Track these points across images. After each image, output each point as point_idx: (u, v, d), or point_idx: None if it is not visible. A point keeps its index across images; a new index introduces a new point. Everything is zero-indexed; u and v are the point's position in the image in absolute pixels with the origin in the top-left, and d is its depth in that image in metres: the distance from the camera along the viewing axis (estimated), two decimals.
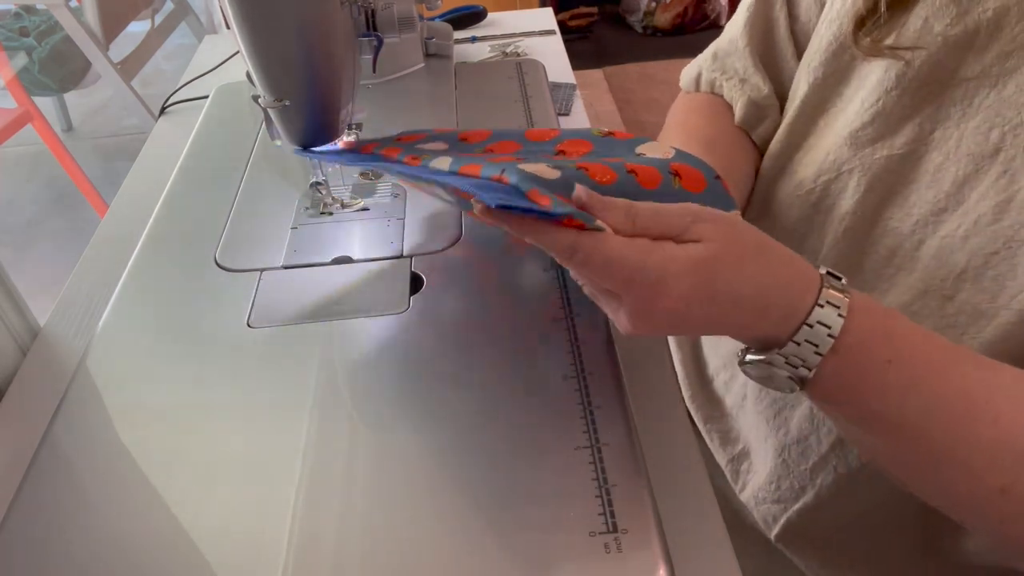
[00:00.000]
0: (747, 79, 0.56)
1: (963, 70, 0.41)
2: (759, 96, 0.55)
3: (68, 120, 2.53)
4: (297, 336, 0.52)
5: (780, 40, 0.55)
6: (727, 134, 0.57)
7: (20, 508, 0.42)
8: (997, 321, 0.40)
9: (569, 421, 0.45)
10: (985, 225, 0.40)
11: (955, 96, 0.41)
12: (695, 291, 0.35)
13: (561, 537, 0.39)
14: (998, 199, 0.40)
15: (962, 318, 0.41)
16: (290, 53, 0.47)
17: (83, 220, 2.07)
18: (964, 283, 0.41)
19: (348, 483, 0.42)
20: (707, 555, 0.40)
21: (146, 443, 0.46)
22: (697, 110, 0.59)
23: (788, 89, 0.55)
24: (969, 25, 0.40)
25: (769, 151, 0.53)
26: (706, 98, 0.60)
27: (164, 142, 0.82)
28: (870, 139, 0.45)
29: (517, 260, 0.58)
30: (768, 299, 0.36)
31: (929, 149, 0.43)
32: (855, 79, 0.47)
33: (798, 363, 0.36)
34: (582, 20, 2.92)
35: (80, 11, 1.76)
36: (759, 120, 0.56)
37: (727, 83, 0.57)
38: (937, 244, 0.42)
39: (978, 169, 0.41)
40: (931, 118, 0.43)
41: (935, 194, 0.42)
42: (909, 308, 0.44)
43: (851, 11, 0.45)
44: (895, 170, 0.44)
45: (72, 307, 0.59)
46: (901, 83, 0.43)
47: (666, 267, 0.35)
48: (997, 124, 0.40)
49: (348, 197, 0.65)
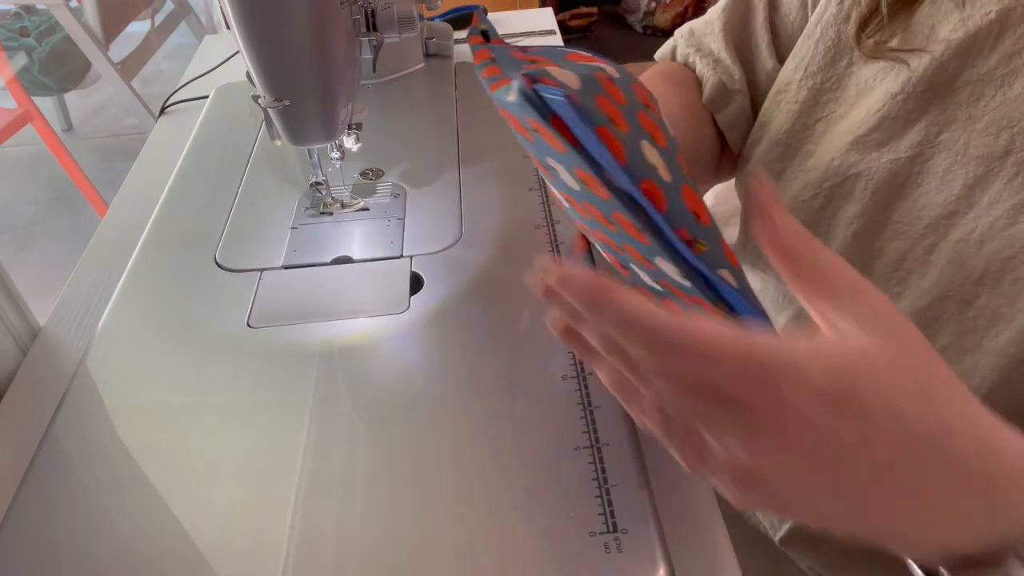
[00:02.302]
0: (720, 60, 0.56)
1: (968, 72, 0.41)
2: (729, 79, 0.55)
3: (68, 120, 2.53)
4: (297, 336, 0.52)
5: (756, 28, 0.55)
6: (692, 108, 0.56)
7: (20, 508, 0.42)
8: (1014, 324, 0.40)
9: (569, 421, 0.45)
10: (1000, 229, 0.40)
11: (961, 99, 0.41)
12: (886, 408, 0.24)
13: (561, 537, 0.39)
14: (1012, 202, 0.39)
15: (981, 322, 0.41)
16: (290, 53, 0.47)
17: (83, 220, 2.07)
18: (983, 287, 0.41)
19: (348, 483, 0.42)
20: (707, 555, 0.40)
21: (146, 443, 0.46)
22: (669, 78, 0.58)
23: (760, 78, 0.55)
24: (972, 27, 0.40)
25: (763, 156, 0.53)
26: (679, 68, 0.59)
27: (164, 142, 0.82)
28: (876, 144, 0.45)
29: (517, 260, 0.58)
30: (990, 466, 0.25)
31: (936, 152, 0.43)
32: (853, 84, 0.47)
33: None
34: (582, 20, 2.92)
35: (80, 11, 1.76)
36: (725, 103, 0.56)
37: (700, 60, 0.57)
38: (951, 248, 0.42)
39: (988, 171, 0.40)
40: (937, 121, 0.42)
41: (945, 197, 0.42)
42: (928, 314, 0.43)
43: (853, 13, 0.45)
44: (902, 173, 0.44)
45: (72, 307, 0.59)
46: (906, 88, 0.43)
47: (828, 355, 0.24)
48: (1005, 126, 0.40)
49: (348, 197, 0.65)
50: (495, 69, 0.34)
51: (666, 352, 0.24)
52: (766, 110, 0.53)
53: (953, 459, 0.25)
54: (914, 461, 0.25)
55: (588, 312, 0.25)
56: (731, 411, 0.24)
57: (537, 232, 0.60)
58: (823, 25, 0.47)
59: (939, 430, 0.25)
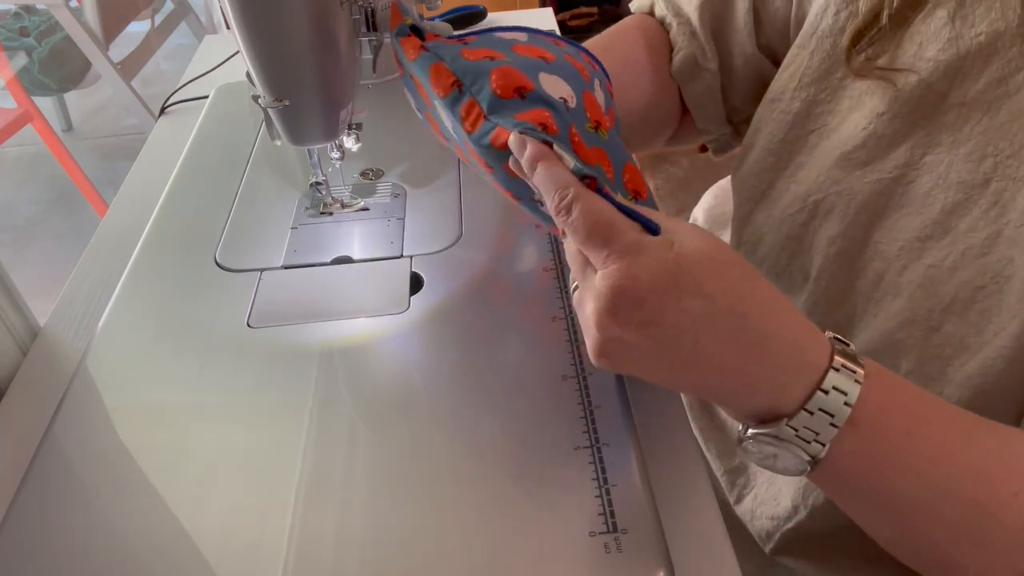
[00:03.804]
0: (696, 34, 0.55)
1: (955, 95, 0.40)
2: (701, 55, 0.55)
3: (68, 120, 2.53)
4: (297, 336, 0.52)
5: (737, 12, 0.54)
6: (658, 73, 0.56)
7: (20, 508, 0.42)
8: (981, 355, 0.39)
9: (569, 421, 0.45)
10: (973, 258, 0.39)
11: (946, 121, 0.41)
12: (677, 291, 0.32)
13: (561, 537, 0.39)
14: (988, 232, 0.39)
15: (947, 350, 0.40)
16: (290, 53, 0.47)
17: (83, 220, 2.07)
18: (951, 315, 0.40)
19: (348, 483, 0.42)
20: (707, 555, 0.40)
21: (146, 443, 0.46)
22: (644, 33, 0.58)
23: (737, 61, 0.54)
24: (961, 49, 0.39)
25: (756, 164, 0.52)
26: (654, 26, 0.58)
27: (164, 142, 0.81)
28: (861, 162, 0.44)
29: (517, 260, 0.58)
30: (772, 350, 0.32)
31: (920, 174, 0.42)
32: (847, 98, 0.46)
33: (810, 437, 0.32)
34: (582, 20, 2.92)
35: (80, 11, 1.76)
36: (692, 77, 0.56)
37: (677, 26, 0.56)
38: (923, 272, 0.41)
39: (967, 198, 0.40)
40: (922, 143, 0.42)
41: (922, 221, 0.41)
42: (894, 336, 0.42)
43: (848, 25, 0.44)
44: (885, 193, 0.43)
45: (72, 307, 0.59)
46: (893, 107, 0.42)
47: (644, 242, 0.32)
48: (989, 153, 0.39)
49: (348, 197, 0.65)
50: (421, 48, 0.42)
51: (567, 214, 0.33)
52: (760, 117, 0.52)
53: (750, 323, 0.32)
54: (718, 332, 0.32)
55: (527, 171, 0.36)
56: (589, 277, 0.34)
57: (537, 232, 0.60)
58: (818, 36, 0.47)
59: (737, 298, 0.32)
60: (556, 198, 0.34)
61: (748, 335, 0.32)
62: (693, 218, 0.79)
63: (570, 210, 0.33)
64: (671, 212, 1.96)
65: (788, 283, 0.51)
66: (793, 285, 0.50)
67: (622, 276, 0.32)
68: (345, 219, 0.63)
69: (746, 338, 0.32)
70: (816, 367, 0.33)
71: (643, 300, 0.32)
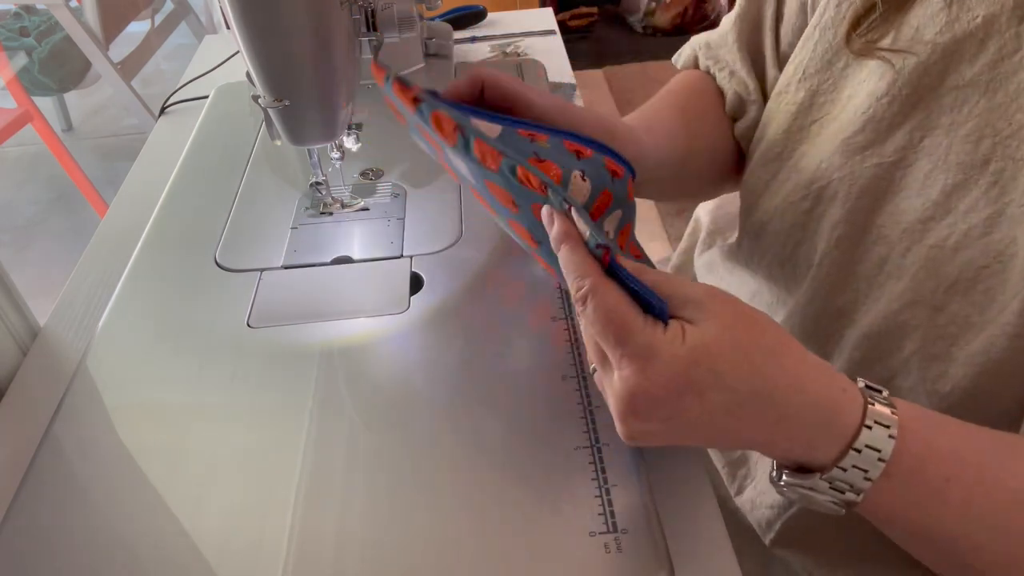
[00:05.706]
0: (735, 72, 0.57)
1: (953, 77, 0.41)
2: (744, 91, 0.56)
3: (68, 120, 2.53)
4: (297, 336, 0.52)
5: (765, 37, 0.55)
6: (719, 119, 0.58)
7: (20, 508, 0.42)
8: (985, 334, 0.39)
9: (569, 421, 0.45)
10: (976, 238, 0.40)
11: (945, 104, 0.41)
12: (696, 387, 0.32)
13: (561, 537, 0.39)
14: (989, 211, 0.39)
15: (952, 329, 0.41)
16: (290, 53, 0.47)
17: (83, 220, 2.07)
18: (955, 295, 0.41)
19: (348, 483, 0.42)
20: (707, 555, 0.40)
21: (146, 443, 0.46)
22: (701, 92, 0.59)
23: (769, 87, 0.55)
24: (958, 32, 0.40)
25: (762, 156, 0.53)
26: (705, 79, 0.60)
27: (164, 142, 0.81)
28: (861, 146, 0.45)
29: (517, 260, 0.58)
30: (803, 420, 0.33)
31: (919, 157, 0.42)
32: (848, 87, 0.47)
33: (845, 488, 0.33)
34: (582, 20, 2.92)
35: (80, 11, 1.76)
36: (742, 113, 0.57)
37: (719, 73, 0.58)
38: (925, 254, 0.42)
39: (967, 179, 0.40)
40: (921, 126, 0.42)
41: (923, 202, 0.42)
42: (898, 317, 0.43)
43: (848, 11, 0.45)
44: (885, 177, 0.44)
45: (72, 307, 0.59)
46: (891, 90, 0.43)
47: (655, 344, 0.32)
48: (987, 134, 0.39)
49: (348, 197, 0.65)
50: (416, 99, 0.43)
51: (583, 304, 0.34)
52: (768, 111, 0.53)
53: (777, 402, 0.33)
54: (743, 416, 0.33)
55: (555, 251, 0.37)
56: (606, 367, 0.35)
57: None
58: (821, 27, 0.48)
59: (760, 382, 0.33)
60: (574, 287, 0.35)
61: (775, 412, 0.33)
62: (695, 217, 0.79)
63: (585, 302, 0.34)
64: (672, 212, 1.95)
65: (792, 271, 0.51)
66: (798, 273, 0.51)
67: (636, 384, 0.33)
68: (345, 219, 0.63)
69: (774, 415, 0.33)
70: (848, 427, 0.33)
71: (661, 401, 0.33)
